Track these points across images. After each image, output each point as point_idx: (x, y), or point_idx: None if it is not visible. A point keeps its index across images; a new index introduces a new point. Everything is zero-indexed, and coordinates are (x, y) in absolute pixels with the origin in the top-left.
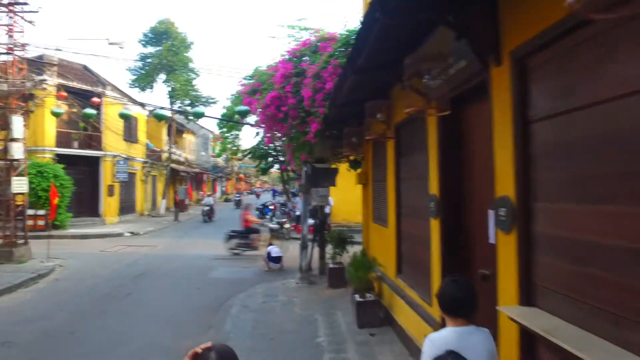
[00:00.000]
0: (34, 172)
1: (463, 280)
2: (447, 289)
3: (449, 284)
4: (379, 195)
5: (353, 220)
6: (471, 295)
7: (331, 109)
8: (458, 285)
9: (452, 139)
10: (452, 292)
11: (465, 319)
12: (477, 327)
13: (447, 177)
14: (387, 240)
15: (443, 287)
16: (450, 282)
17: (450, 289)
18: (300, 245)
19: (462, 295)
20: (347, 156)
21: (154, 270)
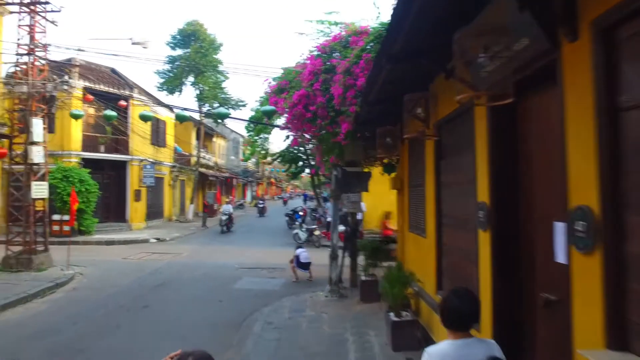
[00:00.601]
0: (59, 176)
1: (465, 292)
2: (449, 303)
3: (451, 298)
4: (416, 202)
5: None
6: (475, 308)
7: (363, 107)
8: (461, 298)
9: (506, 136)
10: (455, 307)
11: (465, 331)
12: (480, 339)
13: (499, 182)
14: (426, 252)
15: (445, 301)
16: (452, 295)
17: (453, 303)
18: (330, 255)
19: (467, 310)
20: (381, 159)
21: (175, 279)
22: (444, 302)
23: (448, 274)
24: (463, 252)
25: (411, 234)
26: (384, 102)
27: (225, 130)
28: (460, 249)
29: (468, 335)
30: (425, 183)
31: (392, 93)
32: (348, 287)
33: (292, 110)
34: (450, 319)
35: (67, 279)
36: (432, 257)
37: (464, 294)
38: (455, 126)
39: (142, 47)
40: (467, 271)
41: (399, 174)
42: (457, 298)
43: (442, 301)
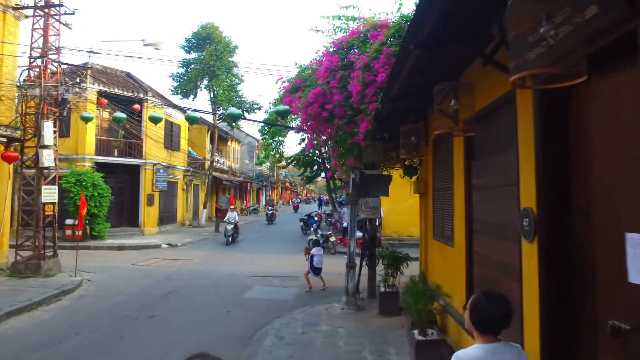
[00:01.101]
0: (73, 180)
1: (498, 296)
2: (480, 304)
3: (482, 300)
4: (442, 207)
5: (405, 233)
6: (507, 314)
7: (384, 103)
8: (493, 301)
9: (559, 129)
10: (486, 309)
11: (495, 335)
12: (507, 343)
13: (550, 184)
14: (453, 263)
15: (475, 302)
16: (483, 297)
17: (484, 304)
18: (347, 264)
19: (497, 313)
20: (403, 160)
21: (184, 287)
22: (473, 304)
23: (480, 289)
24: (500, 264)
25: (436, 242)
26: (407, 97)
27: (240, 134)
28: (496, 260)
29: (497, 340)
30: (454, 186)
31: (417, 86)
32: (366, 299)
33: (307, 109)
34: (479, 321)
35: (74, 285)
36: (460, 269)
37: (496, 296)
38: (492, 121)
39: (155, 49)
40: (506, 287)
41: (422, 177)
42: (488, 300)
43: (471, 302)
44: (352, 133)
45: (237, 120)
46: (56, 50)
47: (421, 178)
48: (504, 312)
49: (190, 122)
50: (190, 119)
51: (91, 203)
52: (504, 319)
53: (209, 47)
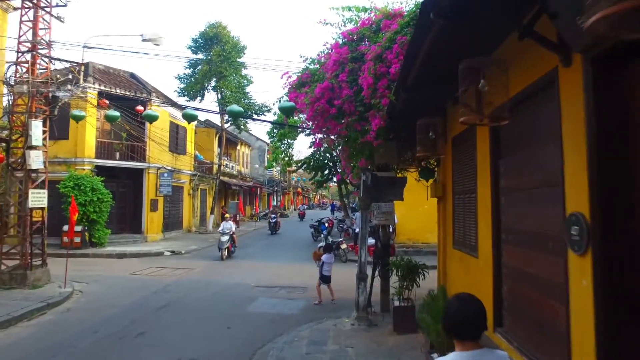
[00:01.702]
0: (71, 185)
1: (471, 298)
2: (453, 310)
3: (452, 302)
4: (463, 213)
5: (420, 240)
6: (480, 314)
7: (398, 94)
8: (464, 303)
9: (614, 115)
10: (458, 311)
11: (474, 341)
12: (490, 350)
13: (606, 183)
14: (478, 277)
15: (448, 307)
16: (456, 301)
17: (455, 307)
18: (357, 275)
19: (470, 314)
20: (420, 159)
21: (182, 300)
22: (447, 310)
23: (512, 308)
24: (537, 281)
25: (456, 252)
26: (424, 87)
27: (251, 138)
28: (533, 276)
29: (478, 346)
30: (477, 189)
31: (437, 72)
32: (378, 313)
33: (313, 105)
34: (453, 326)
35: (62, 297)
36: (486, 284)
37: (467, 297)
38: (526, 110)
39: (154, 44)
40: (546, 309)
41: (440, 180)
42: (459, 302)
43: (444, 307)
44: (363, 131)
45: (239, 117)
46: (47, 45)
47: (439, 180)
48: (477, 313)
49: (188, 119)
50: (188, 117)
51: (90, 208)
52: (478, 320)
53: (217, 47)
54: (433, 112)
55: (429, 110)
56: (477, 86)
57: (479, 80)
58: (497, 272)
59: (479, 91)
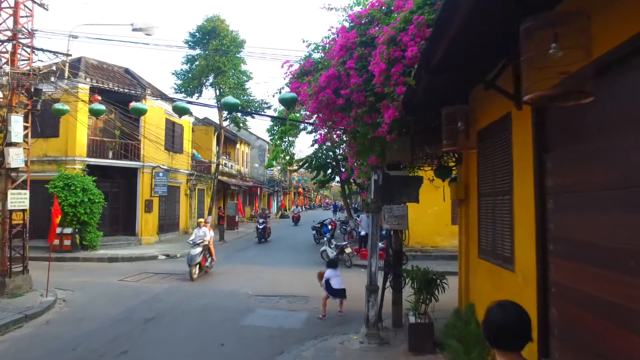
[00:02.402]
0: (60, 185)
1: (512, 305)
2: (493, 316)
3: (495, 311)
4: (493, 217)
5: (429, 244)
6: (524, 323)
7: (420, 77)
8: (506, 311)
9: None
10: (500, 320)
11: (517, 352)
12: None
13: None
14: (513, 294)
15: (486, 314)
16: (496, 308)
17: (497, 316)
18: (367, 288)
19: (513, 324)
20: (440, 155)
21: (172, 310)
22: (486, 317)
23: (564, 336)
24: (607, 308)
25: (483, 263)
26: (451, 70)
27: (251, 137)
28: (600, 301)
29: (521, 357)
30: (514, 190)
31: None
32: (390, 328)
33: (318, 96)
34: (494, 336)
35: (42, 308)
36: (527, 304)
37: (511, 306)
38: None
39: (145, 34)
40: (622, 347)
41: (462, 179)
42: (500, 309)
43: (485, 316)
44: (374, 124)
45: (234, 110)
46: (29, 34)
47: (460, 180)
48: (520, 320)
49: (179, 113)
50: (179, 110)
51: (81, 210)
52: (522, 328)
53: (215, 42)
54: (453, 102)
55: (450, 99)
56: (547, 51)
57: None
58: (543, 291)
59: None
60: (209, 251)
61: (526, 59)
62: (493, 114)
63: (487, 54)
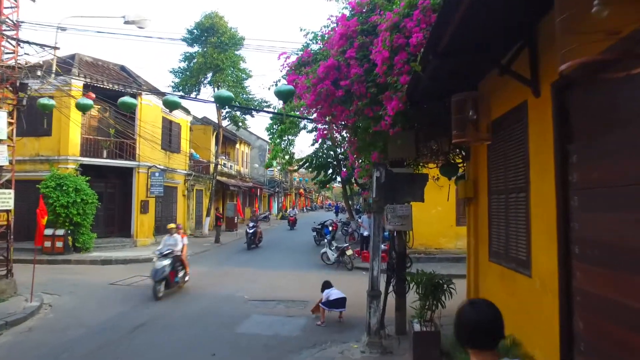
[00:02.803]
0: (52, 185)
1: (483, 302)
2: (464, 315)
3: (465, 309)
4: (506, 217)
5: (432, 246)
6: (495, 319)
7: (427, 61)
8: (477, 308)
9: None
10: (470, 318)
11: (492, 350)
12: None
13: None
14: (530, 301)
15: (458, 314)
16: (467, 306)
17: (467, 314)
18: (369, 293)
19: (485, 319)
20: (448, 151)
21: (163, 317)
22: (459, 317)
23: (593, 351)
24: None
25: (494, 266)
26: (461, 53)
27: (251, 137)
28: (635, 312)
29: (496, 356)
30: (530, 186)
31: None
32: (393, 336)
33: (316, 87)
34: (468, 333)
35: (25, 314)
36: (547, 313)
37: (481, 302)
38: None
39: (138, 27)
40: None
41: (470, 176)
42: (472, 307)
43: (456, 316)
44: (376, 117)
45: (227, 104)
46: (14, 25)
47: (468, 177)
48: (492, 318)
49: (169, 106)
50: (170, 104)
51: (73, 210)
52: (494, 326)
53: (213, 39)
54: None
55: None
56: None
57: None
58: (566, 300)
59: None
60: (180, 264)
61: (562, 21)
62: (505, 104)
63: (502, 34)
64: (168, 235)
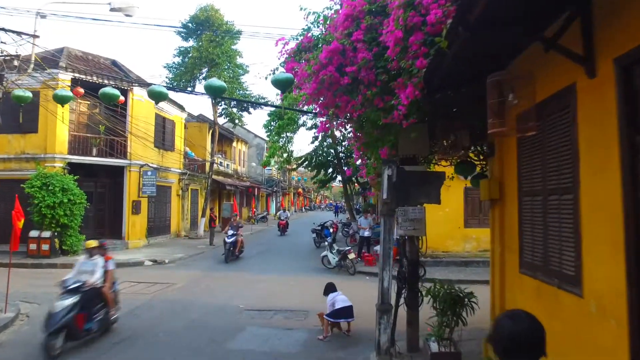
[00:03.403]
0: (38, 184)
1: (523, 314)
2: (501, 324)
3: (504, 320)
4: (541, 222)
5: (440, 249)
6: (537, 332)
7: (456, 34)
8: (517, 319)
9: None
10: (509, 328)
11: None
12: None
13: None
14: (581, 327)
15: (496, 324)
16: (506, 317)
17: (506, 324)
18: (378, 307)
19: (524, 331)
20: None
21: (149, 330)
22: (495, 328)
23: None
24: None
25: (529, 281)
26: (502, 23)
27: (249, 135)
28: None
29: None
30: (581, 186)
31: None
32: (404, 353)
33: (318, 75)
34: (504, 345)
35: None
36: (610, 345)
37: (521, 314)
38: None
39: (125, 15)
40: None
41: (495, 175)
42: (511, 319)
43: (493, 327)
44: (387, 108)
45: (219, 95)
46: None
47: (492, 176)
48: (533, 330)
49: (155, 98)
50: (155, 95)
51: (60, 211)
52: (534, 339)
53: (208, 32)
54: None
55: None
56: None
57: None
58: (639, 329)
59: None
60: (101, 301)
61: None
62: (544, 89)
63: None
64: (84, 258)
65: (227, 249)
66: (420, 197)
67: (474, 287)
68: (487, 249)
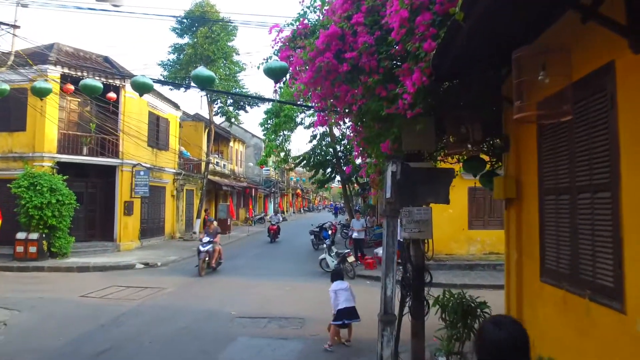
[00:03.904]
0: (25, 184)
1: (508, 320)
2: (485, 330)
3: (488, 326)
4: (569, 224)
5: (443, 252)
6: (521, 338)
7: (475, 4)
8: (501, 325)
9: None
10: (493, 334)
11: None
12: None
13: None
14: (625, 349)
15: (480, 330)
16: (490, 323)
17: (490, 329)
18: (380, 318)
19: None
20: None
21: (135, 339)
22: (480, 335)
23: None
24: None
25: (552, 291)
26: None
27: (246, 135)
28: None
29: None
30: (621, 182)
31: None
32: None
33: (314, 62)
34: (488, 352)
35: None
36: None
37: (505, 320)
38: None
39: (112, 5)
40: None
41: (511, 171)
42: (495, 325)
43: (477, 334)
44: (390, 97)
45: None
46: None
47: (508, 173)
48: (516, 336)
49: (139, 89)
50: (139, 86)
51: (48, 212)
52: (518, 345)
53: (203, 28)
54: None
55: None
56: None
57: None
58: None
59: None
60: None
61: None
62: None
63: None
64: None
65: (200, 259)
66: (428, 197)
67: (480, 292)
68: (492, 251)
